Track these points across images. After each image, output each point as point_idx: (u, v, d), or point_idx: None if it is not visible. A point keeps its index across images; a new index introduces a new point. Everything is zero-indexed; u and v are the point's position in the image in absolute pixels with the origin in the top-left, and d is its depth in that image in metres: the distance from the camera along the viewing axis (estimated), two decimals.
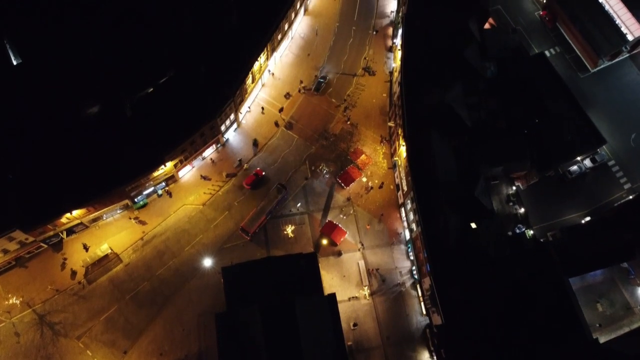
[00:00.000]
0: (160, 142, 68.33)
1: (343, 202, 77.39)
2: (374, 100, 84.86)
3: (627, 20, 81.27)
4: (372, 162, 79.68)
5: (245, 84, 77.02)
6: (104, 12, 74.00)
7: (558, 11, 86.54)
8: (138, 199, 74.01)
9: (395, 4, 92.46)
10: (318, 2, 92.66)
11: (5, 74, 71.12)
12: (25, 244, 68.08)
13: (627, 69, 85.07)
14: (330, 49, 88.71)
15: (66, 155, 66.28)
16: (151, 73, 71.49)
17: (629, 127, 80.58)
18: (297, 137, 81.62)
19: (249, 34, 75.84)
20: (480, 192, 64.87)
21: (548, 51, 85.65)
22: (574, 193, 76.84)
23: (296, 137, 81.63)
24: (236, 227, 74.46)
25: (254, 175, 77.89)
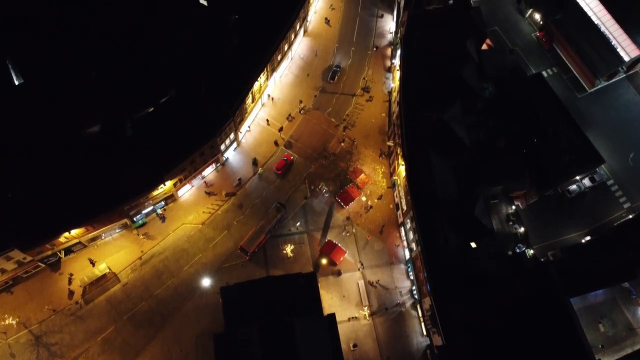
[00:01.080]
0: (159, 161, 68.48)
1: (343, 221, 77.22)
2: (373, 120, 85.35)
3: (623, 41, 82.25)
4: (371, 181, 79.77)
5: (245, 104, 77.55)
6: (106, 33, 74.85)
7: (554, 32, 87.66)
8: (137, 218, 73.84)
9: (393, 25, 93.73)
10: (317, 24, 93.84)
11: (7, 93, 71.54)
12: (23, 264, 67.69)
13: (624, 89, 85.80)
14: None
15: (65, 174, 66.27)
16: (152, 92, 72.02)
17: (627, 147, 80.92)
18: (296, 156, 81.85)
19: (249, 54, 76.59)
20: (480, 212, 64.82)
21: (545, 72, 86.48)
22: (574, 212, 76.78)
23: (296, 156, 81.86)
24: (235, 247, 74.16)
25: (284, 160, 79.63)
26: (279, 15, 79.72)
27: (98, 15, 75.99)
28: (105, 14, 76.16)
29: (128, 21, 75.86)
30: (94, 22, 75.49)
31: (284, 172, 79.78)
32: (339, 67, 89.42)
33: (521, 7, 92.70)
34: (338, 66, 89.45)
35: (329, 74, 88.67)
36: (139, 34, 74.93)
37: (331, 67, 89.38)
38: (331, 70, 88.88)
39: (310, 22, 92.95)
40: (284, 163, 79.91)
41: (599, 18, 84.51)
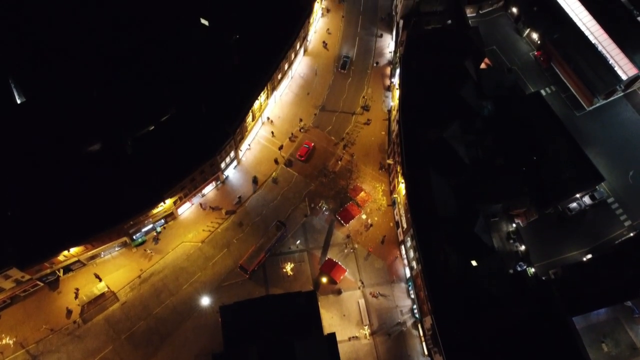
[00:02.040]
0: (160, 179, 68.58)
1: (343, 239, 76.99)
2: (373, 138, 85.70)
3: (620, 60, 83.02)
4: (371, 199, 79.75)
5: (246, 122, 77.95)
6: (107, 52, 75.65)
7: (552, 52, 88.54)
8: (137, 236, 73.64)
9: (392, 44, 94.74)
10: (317, 43, 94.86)
11: (8, 112, 72.01)
12: (21, 282, 67.28)
13: (622, 107, 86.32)
14: (329, 88, 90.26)
15: (65, 192, 66.26)
16: (153, 111, 72.46)
17: (627, 165, 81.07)
18: (296, 174, 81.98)
19: (249, 73, 77.26)
20: (480, 230, 64.65)
21: (544, 90, 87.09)
22: (575, 230, 76.56)
23: (296, 174, 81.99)
24: (235, 265, 73.80)
25: (306, 147, 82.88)
26: (279, 34, 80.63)
27: (100, 34, 76.92)
28: (107, 33, 77.09)
29: (130, 40, 76.75)
30: (96, 41, 76.38)
31: (307, 158, 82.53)
32: (348, 57, 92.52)
33: (519, 27, 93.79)
34: (347, 56, 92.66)
35: (339, 64, 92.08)
36: (140, 53, 75.75)
37: (340, 57, 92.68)
38: (341, 59, 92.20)
39: (310, 41, 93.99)
40: (307, 150, 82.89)
41: (596, 37, 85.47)
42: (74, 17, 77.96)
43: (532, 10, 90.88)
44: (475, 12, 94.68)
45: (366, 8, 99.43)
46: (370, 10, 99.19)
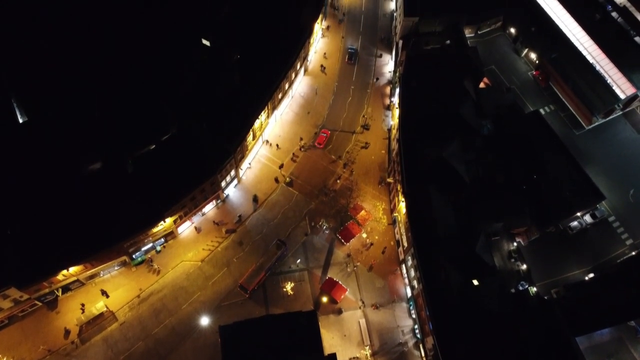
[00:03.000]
0: (160, 197, 68.55)
1: (343, 258, 76.64)
2: (373, 157, 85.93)
3: (618, 80, 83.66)
4: (371, 217, 79.61)
5: (246, 141, 78.27)
6: (109, 71, 76.33)
7: (550, 71, 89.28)
8: (136, 256, 73.34)
9: (392, 64, 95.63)
10: (318, 63, 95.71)
11: (10, 131, 72.36)
12: (20, 302, 66.76)
13: (621, 126, 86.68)
14: (329, 107, 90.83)
15: (65, 210, 66.19)
16: (154, 130, 72.79)
17: (627, 183, 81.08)
18: (297, 193, 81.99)
19: (250, 92, 77.85)
20: (481, 248, 64.41)
21: (542, 109, 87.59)
22: (576, 249, 76.22)
23: (296, 193, 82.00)
24: (235, 284, 73.31)
25: (323, 135, 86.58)
26: (280, 54, 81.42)
27: (102, 54, 77.69)
28: (109, 52, 77.88)
29: (132, 60, 77.47)
30: (99, 61, 77.09)
31: (325, 146, 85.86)
32: (353, 48, 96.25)
33: (517, 47, 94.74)
34: (352, 47, 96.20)
35: (346, 57, 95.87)
36: (142, 72, 76.37)
37: (346, 49, 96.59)
38: (348, 52, 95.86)
39: (310, 61, 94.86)
40: (324, 138, 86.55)
41: (594, 57, 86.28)
42: (76, 37, 78.79)
43: (530, 31, 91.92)
44: (474, 33, 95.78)
45: (366, 28, 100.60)
46: (369, 31, 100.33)
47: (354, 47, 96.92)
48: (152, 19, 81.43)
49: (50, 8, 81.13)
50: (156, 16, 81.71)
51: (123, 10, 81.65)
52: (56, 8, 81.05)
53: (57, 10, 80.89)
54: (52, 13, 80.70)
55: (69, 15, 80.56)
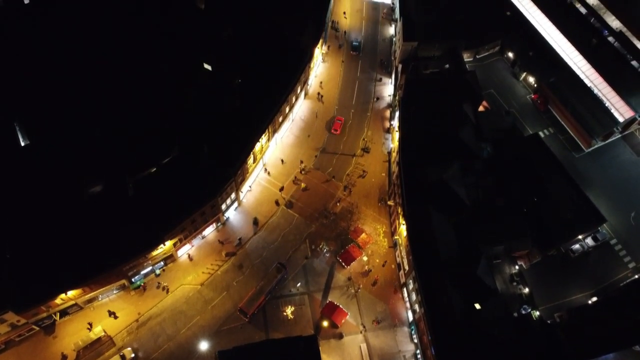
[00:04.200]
0: (160, 220, 68.39)
1: (344, 281, 76.05)
2: (373, 180, 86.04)
3: (616, 103, 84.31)
4: (372, 240, 79.29)
5: (247, 164, 78.51)
6: (111, 94, 77.07)
7: (549, 95, 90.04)
8: (135, 279, 72.82)
9: (391, 88, 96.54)
10: (318, 87, 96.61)
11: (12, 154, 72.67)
12: (17, 327, 65.98)
13: (620, 149, 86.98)
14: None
15: (64, 233, 65.97)
16: (155, 153, 73.07)
17: (628, 206, 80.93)
18: (297, 215, 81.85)
19: (251, 116, 78.40)
20: (483, 272, 63.99)
21: (542, 132, 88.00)
22: (578, 272, 75.67)
23: (296, 215, 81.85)
24: (234, 308, 72.59)
25: (338, 122, 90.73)
26: (281, 78, 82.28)
27: (104, 77, 78.60)
28: (111, 75, 78.80)
29: (134, 83, 78.29)
30: (101, 84, 77.94)
31: (342, 132, 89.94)
32: (358, 41, 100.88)
33: (515, 71, 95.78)
34: (356, 40, 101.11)
35: (350, 48, 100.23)
36: (144, 95, 77.09)
37: (350, 42, 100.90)
38: (352, 45, 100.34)
39: (310, 85, 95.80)
40: (340, 124, 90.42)
41: (592, 81, 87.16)
42: (78, 61, 79.85)
43: (528, 55, 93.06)
44: (472, 57, 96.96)
45: (365, 52, 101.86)
46: (369, 55, 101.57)
47: (358, 40, 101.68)
48: (154, 42, 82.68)
49: (54, 32, 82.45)
50: (158, 40, 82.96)
51: (125, 34, 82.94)
52: (59, 32, 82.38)
53: (60, 35, 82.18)
54: (55, 37, 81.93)
55: (72, 39, 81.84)
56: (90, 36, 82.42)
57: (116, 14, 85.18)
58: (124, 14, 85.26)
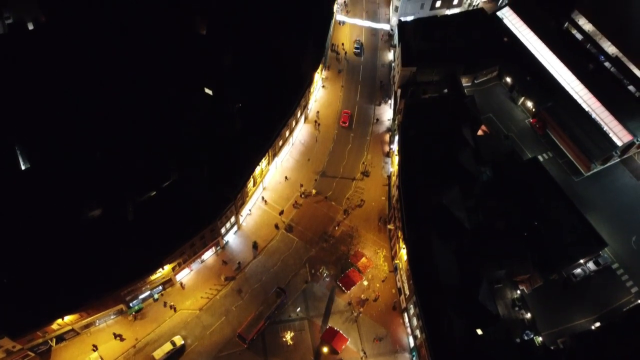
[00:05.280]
0: (159, 244, 68.06)
1: (344, 306, 75.25)
2: (373, 204, 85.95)
3: (614, 127, 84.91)
4: (372, 265, 78.77)
5: (247, 188, 78.55)
6: (112, 118, 77.60)
7: (547, 119, 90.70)
8: (133, 304, 72.03)
9: (390, 112, 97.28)
10: (317, 115, 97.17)
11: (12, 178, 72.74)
12: (12, 353, 64.96)
13: (619, 173, 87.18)
14: (329, 154, 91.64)
15: (62, 257, 65.48)
16: (155, 177, 73.17)
17: (629, 230, 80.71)
18: (297, 239, 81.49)
19: (251, 140, 78.78)
20: (484, 296, 63.37)
21: (541, 156, 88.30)
22: (581, 297, 74.97)
23: (296, 239, 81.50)
24: (233, 334, 71.63)
25: (346, 114, 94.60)
26: (281, 103, 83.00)
27: (105, 100, 79.28)
28: (111, 99, 79.48)
29: (135, 107, 78.95)
30: (102, 108, 78.55)
31: (350, 124, 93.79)
32: (360, 44, 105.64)
33: (513, 96, 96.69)
34: (358, 42, 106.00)
35: (354, 51, 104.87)
36: (145, 120, 77.62)
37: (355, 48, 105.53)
38: (354, 50, 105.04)
39: (310, 109, 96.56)
40: (347, 117, 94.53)
41: (589, 105, 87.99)
42: (79, 84, 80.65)
43: (526, 80, 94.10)
44: (471, 82, 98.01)
45: (364, 77, 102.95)
46: (368, 80, 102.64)
47: (360, 41, 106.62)
48: (155, 66, 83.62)
49: (53, 55, 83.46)
50: (160, 64, 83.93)
51: (126, 57, 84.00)
52: (62, 57, 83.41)
53: (62, 59, 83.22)
54: (58, 62, 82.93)
55: (74, 64, 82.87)
56: (92, 60, 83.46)
57: (118, 38, 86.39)
58: (125, 39, 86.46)
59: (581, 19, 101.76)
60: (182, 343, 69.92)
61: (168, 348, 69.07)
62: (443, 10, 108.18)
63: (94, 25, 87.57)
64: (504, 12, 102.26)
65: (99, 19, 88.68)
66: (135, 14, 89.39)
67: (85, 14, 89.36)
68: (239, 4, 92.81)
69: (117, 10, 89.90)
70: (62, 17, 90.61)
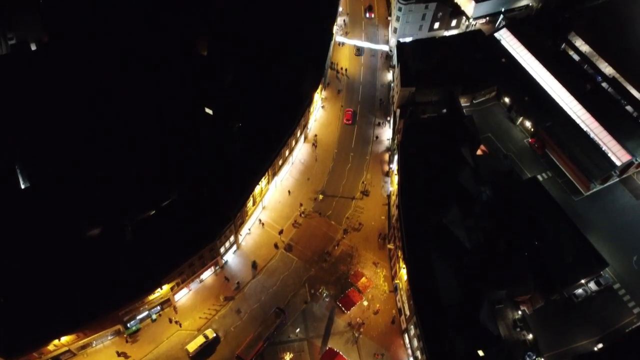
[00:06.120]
0: (158, 264, 67.65)
1: (344, 327, 74.49)
2: (373, 223, 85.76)
3: (613, 147, 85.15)
4: (372, 285, 78.23)
5: (246, 207, 78.44)
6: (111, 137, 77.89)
7: (546, 139, 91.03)
8: (131, 324, 71.28)
9: (390, 132, 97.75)
10: (317, 130, 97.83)
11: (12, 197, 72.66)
12: None
13: (619, 192, 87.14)
14: (329, 173, 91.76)
15: (59, 277, 64.97)
16: (154, 196, 73.12)
17: (630, 250, 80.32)
18: (296, 259, 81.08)
19: (251, 159, 78.96)
20: (486, 317, 62.82)
21: (540, 175, 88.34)
22: (583, 318, 74.22)
23: (295, 259, 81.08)
24: (231, 355, 70.71)
25: (349, 112, 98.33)
26: (281, 123, 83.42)
27: (106, 119, 79.71)
28: (112, 118, 79.91)
29: (135, 126, 79.30)
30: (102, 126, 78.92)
31: (353, 121, 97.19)
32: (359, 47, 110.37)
33: (512, 116, 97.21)
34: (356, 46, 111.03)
35: (355, 51, 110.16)
36: (145, 139, 77.90)
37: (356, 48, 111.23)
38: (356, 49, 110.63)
39: (310, 129, 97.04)
40: (351, 115, 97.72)
41: (588, 125, 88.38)
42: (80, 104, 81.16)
43: (523, 100, 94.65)
44: (469, 102, 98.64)
45: (364, 98, 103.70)
46: (368, 100, 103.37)
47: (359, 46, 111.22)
48: (156, 86, 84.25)
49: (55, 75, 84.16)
50: (160, 84, 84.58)
51: (126, 77, 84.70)
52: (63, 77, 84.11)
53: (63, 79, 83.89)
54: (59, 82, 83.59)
55: (75, 84, 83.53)
56: (93, 81, 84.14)
57: (119, 58, 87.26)
58: (127, 59, 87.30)
59: (578, 40, 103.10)
60: (214, 335, 71.33)
61: (201, 341, 70.38)
62: (441, 32, 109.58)
63: (96, 46, 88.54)
64: (502, 34, 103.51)
65: (102, 39, 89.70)
66: (137, 34, 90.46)
67: (87, 35, 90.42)
68: (239, 25, 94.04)
69: (119, 30, 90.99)
70: (65, 38, 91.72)
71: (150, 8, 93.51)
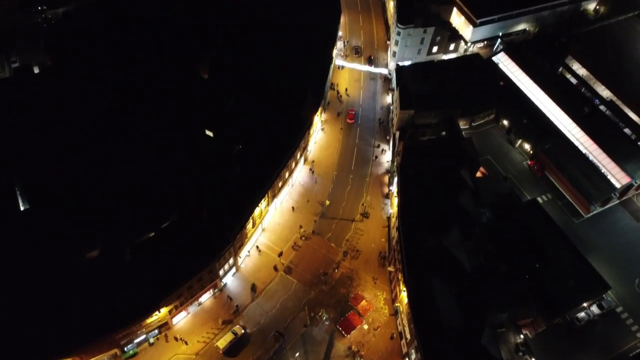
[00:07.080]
0: (156, 286, 67.06)
1: (344, 351, 73.46)
2: (373, 245, 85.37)
3: (612, 169, 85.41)
4: (373, 308, 77.43)
5: (246, 229, 78.18)
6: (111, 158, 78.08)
7: (545, 161, 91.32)
8: (128, 348, 70.32)
9: (390, 154, 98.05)
10: (317, 153, 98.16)
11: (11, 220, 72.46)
12: None
13: (619, 215, 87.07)
14: (329, 196, 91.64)
15: (57, 300, 64.32)
16: (154, 218, 72.93)
17: (632, 272, 79.93)
18: (296, 281, 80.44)
19: (251, 181, 79.01)
20: (487, 341, 62.07)
21: (540, 198, 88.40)
22: (586, 342, 73.36)
23: (295, 281, 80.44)
24: None
25: (351, 112, 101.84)
26: (281, 145, 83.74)
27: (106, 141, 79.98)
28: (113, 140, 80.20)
29: (135, 148, 79.57)
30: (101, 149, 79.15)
31: (355, 120, 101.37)
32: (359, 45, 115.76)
33: (511, 138, 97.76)
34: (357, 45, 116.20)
35: (353, 51, 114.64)
36: (145, 161, 78.04)
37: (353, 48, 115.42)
38: (354, 48, 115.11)
39: (310, 151, 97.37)
40: (353, 114, 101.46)
41: (586, 148, 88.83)
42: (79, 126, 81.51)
43: (522, 123, 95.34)
44: (468, 125, 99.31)
45: (363, 120, 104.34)
46: (367, 123, 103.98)
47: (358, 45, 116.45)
48: (157, 108, 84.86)
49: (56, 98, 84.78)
50: (161, 106, 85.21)
51: (127, 100, 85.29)
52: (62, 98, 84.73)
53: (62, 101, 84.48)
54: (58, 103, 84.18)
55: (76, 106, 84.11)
56: (94, 103, 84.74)
57: (121, 81, 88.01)
58: (129, 82, 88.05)
59: (575, 64, 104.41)
60: (242, 332, 73.18)
61: (230, 338, 72.12)
62: (440, 55, 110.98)
63: (99, 70, 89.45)
64: (500, 57, 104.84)
65: (104, 63, 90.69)
66: (139, 58, 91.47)
67: (89, 59, 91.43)
68: (240, 49, 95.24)
69: (121, 54, 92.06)
70: (67, 62, 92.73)
71: (152, 33, 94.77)
